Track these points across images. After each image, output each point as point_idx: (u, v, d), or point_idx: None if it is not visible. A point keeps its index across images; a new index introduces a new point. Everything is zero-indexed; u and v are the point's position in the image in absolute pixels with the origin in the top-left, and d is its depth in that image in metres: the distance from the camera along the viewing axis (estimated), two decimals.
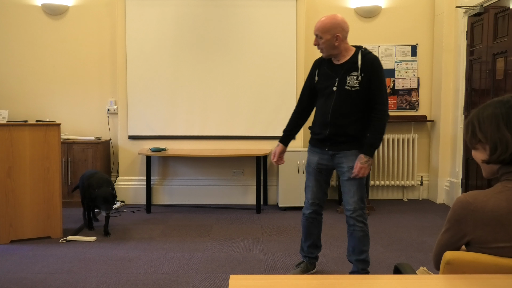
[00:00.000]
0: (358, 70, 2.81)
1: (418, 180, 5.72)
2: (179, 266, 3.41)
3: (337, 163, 2.93)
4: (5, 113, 4.13)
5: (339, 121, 2.85)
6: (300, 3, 5.34)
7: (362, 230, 2.92)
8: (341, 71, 2.86)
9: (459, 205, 1.38)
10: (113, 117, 5.57)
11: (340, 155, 2.90)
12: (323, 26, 2.83)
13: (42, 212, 4.01)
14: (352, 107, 2.84)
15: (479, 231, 1.34)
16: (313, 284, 1.24)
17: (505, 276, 1.29)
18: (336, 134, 2.87)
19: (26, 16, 5.47)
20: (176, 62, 5.37)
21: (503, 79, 4.41)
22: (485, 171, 1.48)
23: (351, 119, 2.84)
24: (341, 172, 2.94)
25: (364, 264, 2.97)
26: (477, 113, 1.44)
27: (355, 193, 2.88)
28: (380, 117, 2.82)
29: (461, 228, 1.38)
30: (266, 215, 4.97)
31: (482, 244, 1.35)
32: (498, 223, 1.32)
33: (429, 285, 1.27)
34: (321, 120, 2.93)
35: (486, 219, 1.33)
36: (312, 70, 3.04)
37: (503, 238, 1.32)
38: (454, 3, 5.25)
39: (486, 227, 1.33)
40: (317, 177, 3.04)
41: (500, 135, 1.35)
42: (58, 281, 3.09)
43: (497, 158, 1.36)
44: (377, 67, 2.84)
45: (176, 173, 5.51)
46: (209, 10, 5.34)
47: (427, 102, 5.70)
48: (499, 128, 1.35)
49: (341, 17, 2.88)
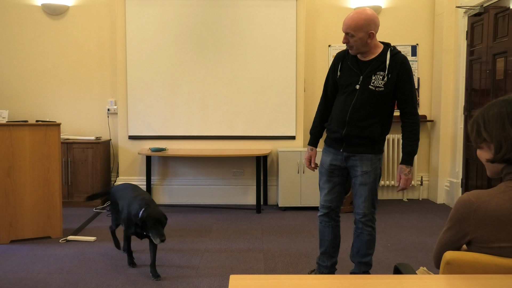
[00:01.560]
0: (385, 69, 2.66)
1: (418, 180, 5.72)
2: (179, 266, 3.41)
3: (351, 166, 2.80)
4: (5, 113, 4.12)
5: (358, 122, 2.71)
6: (300, 3, 5.34)
7: (370, 234, 2.85)
8: (366, 69, 2.69)
9: (461, 204, 1.37)
10: (113, 117, 5.57)
11: (355, 158, 2.76)
12: (355, 24, 2.60)
13: (42, 212, 4.01)
14: (374, 108, 2.70)
15: (481, 231, 1.34)
16: (313, 284, 1.24)
17: (505, 276, 1.28)
18: (352, 135, 2.73)
19: (26, 16, 5.47)
20: (176, 62, 5.37)
21: (503, 79, 4.41)
22: (490, 170, 1.47)
23: (371, 121, 2.71)
24: (354, 175, 2.81)
25: (367, 267, 2.93)
26: (482, 112, 1.44)
27: (366, 198, 2.77)
28: (414, 122, 2.71)
29: (463, 227, 1.38)
30: (266, 215, 4.97)
31: (483, 243, 1.35)
32: (501, 223, 1.32)
33: (429, 285, 1.27)
34: (339, 118, 2.77)
35: (489, 218, 1.32)
36: (335, 63, 2.84)
37: (504, 238, 1.32)
38: (454, 3, 5.25)
39: (488, 226, 1.33)
40: (329, 178, 2.89)
41: (505, 134, 1.35)
42: (58, 281, 3.09)
43: (501, 157, 1.36)
44: (407, 68, 2.68)
45: (176, 173, 5.51)
46: (209, 10, 5.33)
47: (427, 102, 5.70)
48: (504, 127, 1.35)
49: (372, 11, 2.67)
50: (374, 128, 2.73)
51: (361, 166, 2.75)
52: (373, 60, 2.69)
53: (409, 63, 2.71)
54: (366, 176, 2.74)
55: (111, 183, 5.60)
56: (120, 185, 3.65)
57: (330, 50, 5.59)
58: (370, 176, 2.75)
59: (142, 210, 3.09)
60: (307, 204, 5.05)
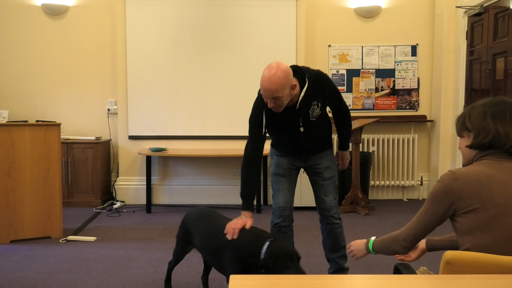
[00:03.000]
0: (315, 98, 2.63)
1: (418, 180, 5.72)
2: (179, 266, 3.40)
3: (312, 165, 2.85)
4: (5, 113, 4.13)
5: (313, 144, 2.80)
6: (300, 3, 5.34)
7: (340, 226, 2.91)
8: (300, 111, 2.63)
9: (443, 178, 1.55)
10: (113, 117, 5.57)
11: (315, 157, 2.84)
12: (280, 85, 2.44)
13: (42, 212, 4.01)
14: (321, 127, 2.78)
15: (464, 196, 1.50)
16: (313, 284, 1.24)
17: (505, 276, 1.29)
18: (311, 151, 2.83)
19: (26, 16, 5.47)
20: (176, 62, 5.37)
21: (503, 79, 4.41)
22: (465, 158, 1.68)
23: (322, 135, 2.84)
24: (316, 173, 2.85)
25: (345, 259, 2.99)
26: (469, 107, 1.65)
27: (331, 192, 2.86)
28: (347, 115, 2.91)
29: (447, 198, 1.53)
30: (266, 215, 4.97)
31: (467, 207, 1.49)
32: (480, 184, 1.49)
33: (429, 285, 1.27)
34: (291, 148, 2.81)
35: (470, 182, 1.50)
36: (258, 114, 2.67)
37: (486, 197, 1.48)
38: (454, 3, 5.25)
39: (470, 189, 1.50)
40: (288, 177, 2.83)
41: (484, 123, 1.56)
42: (58, 281, 3.09)
43: (478, 142, 1.57)
44: (328, 83, 2.71)
45: (176, 173, 5.51)
46: (209, 10, 5.34)
47: (427, 102, 5.70)
48: (485, 118, 1.56)
49: (278, 62, 2.57)
50: (326, 137, 2.88)
51: (322, 162, 2.84)
52: (302, 101, 2.60)
53: (324, 75, 2.71)
54: (328, 170, 2.85)
55: (111, 183, 5.60)
56: (195, 210, 2.74)
57: (330, 50, 5.59)
58: (332, 170, 2.87)
59: (265, 247, 2.22)
60: (307, 204, 5.04)
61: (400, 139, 5.63)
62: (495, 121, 1.54)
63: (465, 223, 1.51)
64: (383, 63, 5.60)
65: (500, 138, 1.53)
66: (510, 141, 1.53)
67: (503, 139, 1.53)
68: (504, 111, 1.55)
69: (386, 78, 5.63)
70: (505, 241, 1.46)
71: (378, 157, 5.65)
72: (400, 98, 5.66)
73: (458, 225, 1.53)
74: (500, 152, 1.54)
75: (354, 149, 4.99)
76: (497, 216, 1.46)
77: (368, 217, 4.82)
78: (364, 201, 5.02)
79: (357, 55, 5.57)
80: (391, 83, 5.64)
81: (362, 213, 4.93)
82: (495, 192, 1.48)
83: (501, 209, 1.47)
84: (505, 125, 1.53)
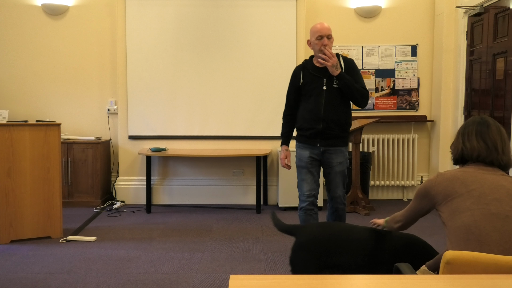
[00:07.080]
0: (342, 69, 3.21)
1: (418, 180, 5.72)
2: (179, 266, 3.41)
3: (327, 158, 3.26)
4: (5, 113, 4.13)
5: (331, 115, 3.19)
6: (300, 3, 5.34)
7: (344, 209, 3.35)
8: (328, 72, 3.19)
9: (426, 182, 1.94)
10: (113, 117, 5.57)
11: (330, 152, 3.25)
12: (329, 27, 3.22)
13: (42, 212, 4.01)
14: (340, 102, 3.22)
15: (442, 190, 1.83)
16: (313, 284, 1.24)
17: (505, 276, 1.29)
18: (329, 127, 3.19)
19: (26, 16, 5.47)
20: (176, 62, 5.37)
21: (503, 79, 4.41)
22: None
23: (341, 112, 3.23)
24: (330, 167, 3.27)
25: None
26: None
27: (342, 184, 3.29)
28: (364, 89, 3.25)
29: (430, 193, 1.89)
30: (266, 215, 4.97)
31: (446, 199, 1.81)
32: (455, 177, 1.84)
33: (429, 285, 1.27)
34: (312, 117, 3.22)
35: (447, 178, 1.85)
36: (296, 75, 3.35)
37: (460, 186, 1.80)
38: (454, 3, 5.25)
39: (447, 182, 1.84)
40: (310, 169, 3.27)
41: (456, 143, 1.97)
42: (58, 281, 3.09)
43: (454, 157, 1.98)
44: (356, 66, 3.33)
45: (176, 173, 5.51)
46: (209, 10, 5.34)
47: (427, 102, 5.70)
48: (458, 138, 1.96)
49: None
50: (344, 117, 3.26)
51: (336, 158, 3.25)
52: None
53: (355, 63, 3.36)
54: (340, 165, 3.26)
55: (111, 183, 5.60)
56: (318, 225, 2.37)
57: None
58: (343, 165, 3.28)
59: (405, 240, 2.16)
60: None
61: (400, 139, 5.63)
62: (464, 138, 1.92)
63: (446, 211, 1.80)
64: (383, 63, 5.61)
65: (467, 151, 1.89)
66: (476, 152, 1.86)
67: (469, 151, 1.88)
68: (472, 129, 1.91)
69: (386, 78, 5.63)
70: (484, 220, 1.67)
71: (378, 157, 5.65)
72: (400, 98, 5.66)
73: (442, 214, 1.82)
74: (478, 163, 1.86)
75: (354, 149, 4.99)
76: (473, 198, 1.74)
77: (368, 217, 4.81)
78: (364, 201, 5.03)
79: (357, 55, 5.57)
80: (391, 83, 5.64)
81: (362, 213, 4.93)
82: (469, 181, 1.79)
83: (476, 193, 1.74)
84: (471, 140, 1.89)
